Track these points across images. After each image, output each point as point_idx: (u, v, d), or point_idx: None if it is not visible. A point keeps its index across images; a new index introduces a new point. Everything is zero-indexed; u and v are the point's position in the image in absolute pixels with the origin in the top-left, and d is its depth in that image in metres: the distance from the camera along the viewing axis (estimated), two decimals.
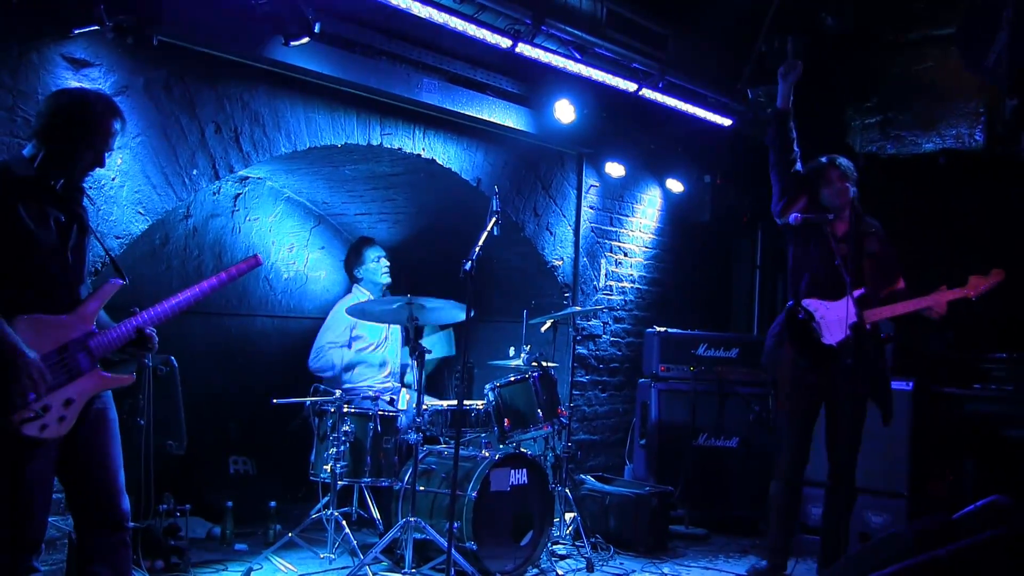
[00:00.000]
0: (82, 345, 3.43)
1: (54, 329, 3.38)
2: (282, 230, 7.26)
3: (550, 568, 5.55)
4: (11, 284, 3.31)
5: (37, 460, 3.32)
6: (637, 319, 8.01)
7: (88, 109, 3.47)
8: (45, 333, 3.34)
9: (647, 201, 8.13)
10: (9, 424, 3.22)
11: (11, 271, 3.31)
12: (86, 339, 3.45)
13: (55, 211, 3.43)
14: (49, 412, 3.31)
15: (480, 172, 6.61)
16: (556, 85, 6.53)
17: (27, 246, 3.32)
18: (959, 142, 7.26)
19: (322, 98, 5.57)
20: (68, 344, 3.40)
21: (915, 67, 7.37)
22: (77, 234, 3.51)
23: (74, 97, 3.54)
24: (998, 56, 6.02)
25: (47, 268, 3.39)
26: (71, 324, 3.43)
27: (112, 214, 4.65)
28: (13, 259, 3.31)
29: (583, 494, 6.41)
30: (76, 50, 4.51)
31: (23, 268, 3.33)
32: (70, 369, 3.38)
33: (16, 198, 3.32)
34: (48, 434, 3.32)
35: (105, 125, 3.49)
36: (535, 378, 5.64)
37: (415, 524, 5.04)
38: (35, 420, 3.27)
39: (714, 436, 7.07)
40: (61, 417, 3.35)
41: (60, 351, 3.37)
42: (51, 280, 3.41)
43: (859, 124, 7.71)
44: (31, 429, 3.26)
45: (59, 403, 3.34)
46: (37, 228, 3.35)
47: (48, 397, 3.30)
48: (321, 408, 5.53)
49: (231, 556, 5.57)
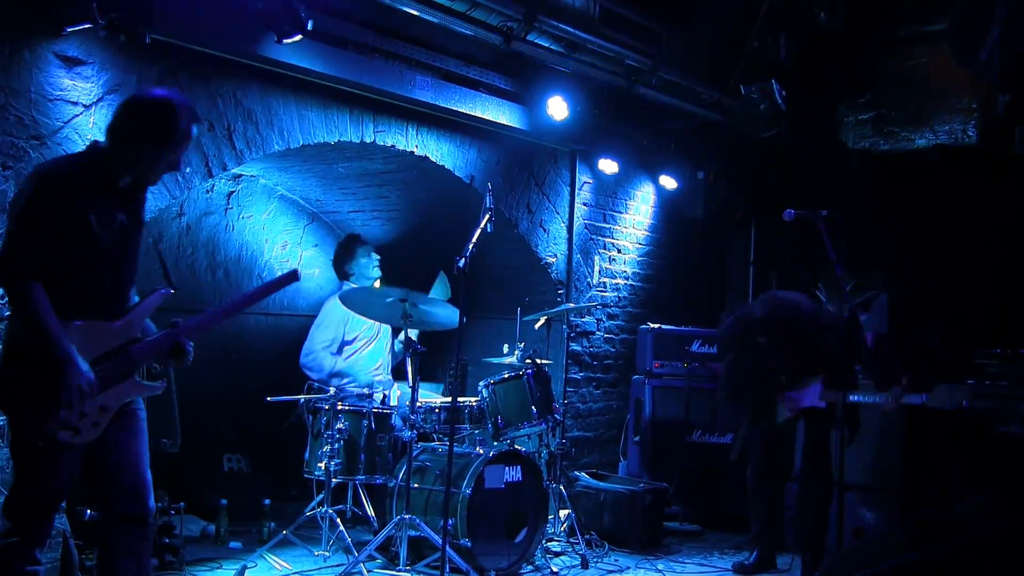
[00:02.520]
0: (125, 352, 3.43)
1: (103, 335, 3.38)
2: (275, 228, 7.25)
3: (545, 565, 5.56)
4: (71, 285, 3.30)
5: (64, 461, 3.33)
6: (631, 316, 8.01)
7: (172, 115, 3.44)
8: (94, 339, 3.34)
9: (640, 198, 8.14)
10: (44, 430, 3.23)
11: (74, 272, 3.31)
12: (129, 346, 3.45)
13: (120, 213, 3.43)
14: (84, 419, 3.30)
15: (473, 169, 6.60)
16: (549, 82, 6.53)
17: (93, 249, 3.32)
18: (952, 138, 7.28)
19: (315, 95, 5.56)
20: (113, 351, 3.40)
21: (908, 63, 7.39)
22: (136, 237, 3.52)
23: (157, 102, 3.48)
24: (990, 52, 6.04)
25: (105, 273, 3.40)
26: (118, 331, 3.42)
27: None
28: (78, 260, 3.31)
29: (577, 491, 6.41)
30: (69, 48, 4.50)
31: (86, 270, 3.33)
32: (110, 376, 3.38)
33: (87, 201, 3.31)
34: (80, 439, 3.32)
35: (185, 132, 3.48)
36: (529, 375, 5.64)
37: (409, 521, 5.04)
38: (70, 428, 3.28)
39: (708, 432, 7.09)
40: (95, 423, 3.35)
41: (105, 357, 3.37)
42: (107, 285, 3.41)
43: (852, 120, 7.73)
44: (65, 436, 3.27)
45: (95, 410, 3.34)
46: (101, 231, 3.34)
47: (86, 406, 3.29)
48: (315, 406, 5.52)
49: (225, 554, 5.57)
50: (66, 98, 4.52)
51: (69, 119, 4.53)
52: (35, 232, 3.23)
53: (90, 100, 4.60)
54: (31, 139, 4.40)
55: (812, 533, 5.49)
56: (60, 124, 4.50)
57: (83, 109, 4.58)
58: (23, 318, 3.26)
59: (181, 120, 3.45)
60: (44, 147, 4.44)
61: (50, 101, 4.46)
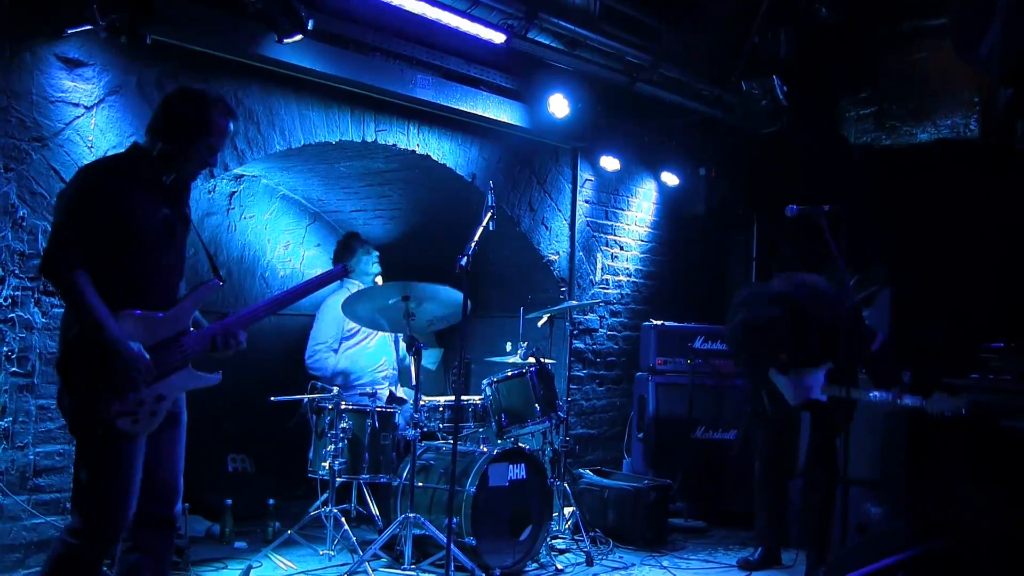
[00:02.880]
0: (177, 343, 3.48)
1: (153, 325, 3.42)
2: (277, 228, 7.25)
3: (549, 562, 5.56)
4: (119, 279, 3.34)
5: (126, 451, 3.36)
6: (634, 313, 8.01)
7: (206, 110, 3.50)
8: (146, 329, 3.39)
9: (642, 194, 8.13)
10: (105, 418, 3.27)
11: (120, 266, 3.35)
12: (180, 337, 3.49)
13: (165, 208, 3.49)
14: (142, 407, 3.35)
15: (475, 167, 6.60)
16: (550, 79, 6.53)
17: (138, 243, 3.38)
18: (954, 132, 7.27)
19: (316, 95, 5.56)
20: (164, 341, 3.44)
21: (909, 58, 7.38)
22: (181, 231, 3.57)
23: (192, 97, 3.55)
24: (991, 47, 6.03)
25: (153, 265, 3.45)
26: (168, 322, 3.47)
27: None
28: (124, 255, 3.36)
29: (582, 488, 6.41)
30: (69, 50, 4.51)
31: (132, 264, 3.38)
32: (164, 366, 3.42)
33: (132, 196, 3.37)
34: (139, 429, 3.37)
35: (220, 126, 3.53)
36: (532, 373, 5.64)
37: (414, 520, 5.04)
38: (129, 415, 3.32)
39: (712, 429, 7.08)
40: (152, 412, 3.40)
41: (157, 347, 3.40)
42: (155, 277, 3.46)
43: (854, 115, 7.72)
44: (124, 423, 3.32)
45: (152, 399, 3.39)
46: (149, 225, 3.41)
47: (142, 392, 3.34)
48: (319, 405, 5.52)
49: (230, 554, 5.56)
50: (67, 100, 4.53)
51: (70, 120, 4.54)
52: (80, 225, 3.28)
53: (91, 101, 4.61)
54: (33, 141, 4.41)
55: (817, 529, 5.48)
56: (62, 126, 4.51)
57: (84, 110, 4.59)
58: (72, 308, 3.32)
59: (216, 113, 3.51)
60: (46, 149, 4.45)
61: (51, 103, 4.47)
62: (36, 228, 4.43)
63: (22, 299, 4.42)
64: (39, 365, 4.49)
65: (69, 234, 3.27)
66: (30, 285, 4.44)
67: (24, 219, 4.39)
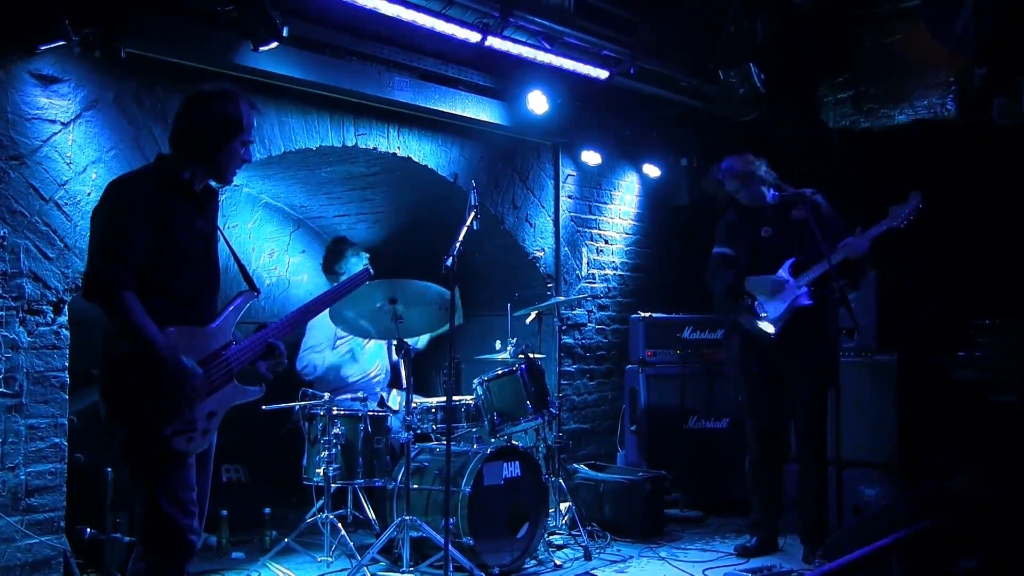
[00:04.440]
0: (222, 357, 3.40)
1: (198, 340, 3.35)
2: (261, 236, 7.24)
3: (548, 559, 5.57)
4: (162, 295, 3.28)
5: (183, 471, 3.29)
6: (621, 306, 8.02)
7: (233, 107, 3.44)
8: (192, 344, 3.31)
9: (625, 187, 8.14)
10: (162, 438, 3.19)
11: (162, 281, 3.29)
12: (223, 351, 3.42)
13: (199, 220, 3.44)
14: (196, 424, 3.28)
15: (457, 167, 6.60)
16: (528, 77, 6.52)
17: (180, 256, 3.33)
18: (931, 112, 7.29)
19: (294, 102, 5.55)
20: (211, 355, 3.37)
21: (885, 40, 7.39)
22: (215, 243, 3.53)
23: (214, 98, 3.46)
24: (965, 25, 6.06)
25: (193, 279, 3.40)
26: (212, 335, 3.40)
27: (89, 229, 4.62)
28: (166, 268, 3.30)
29: (577, 483, 6.42)
30: (44, 66, 4.48)
31: (173, 279, 3.32)
32: (212, 381, 3.35)
33: (167, 209, 3.31)
34: (194, 447, 3.30)
35: (249, 118, 3.47)
36: (522, 370, 5.65)
37: (411, 522, 5.05)
38: (183, 434, 3.24)
39: (704, 418, 7.10)
40: (205, 430, 3.34)
41: (204, 362, 3.33)
42: (196, 291, 3.41)
43: (832, 99, 7.73)
44: (180, 443, 3.24)
45: (203, 416, 3.32)
46: (188, 237, 3.36)
47: (196, 409, 3.28)
48: (310, 412, 5.52)
49: (228, 565, 5.55)
50: (44, 116, 4.50)
51: (48, 138, 4.51)
52: (121, 243, 3.20)
53: (68, 117, 4.58)
54: (10, 160, 4.38)
55: (813, 513, 5.51)
56: (39, 143, 4.48)
57: (61, 127, 4.56)
58: (121, 329, 3.21)
59: (243, 107, 3.45)
60: (24, 167, 4.42)
61: (27, 120, 4.44)
62: (18, 247, 4.40)
63: (6, 319, 4.39)
64: (27, 385, 4.46)
65: (111, 254, 3.18)
66: (14, 305, 4.40)
67: (5, 238, 4.36)
